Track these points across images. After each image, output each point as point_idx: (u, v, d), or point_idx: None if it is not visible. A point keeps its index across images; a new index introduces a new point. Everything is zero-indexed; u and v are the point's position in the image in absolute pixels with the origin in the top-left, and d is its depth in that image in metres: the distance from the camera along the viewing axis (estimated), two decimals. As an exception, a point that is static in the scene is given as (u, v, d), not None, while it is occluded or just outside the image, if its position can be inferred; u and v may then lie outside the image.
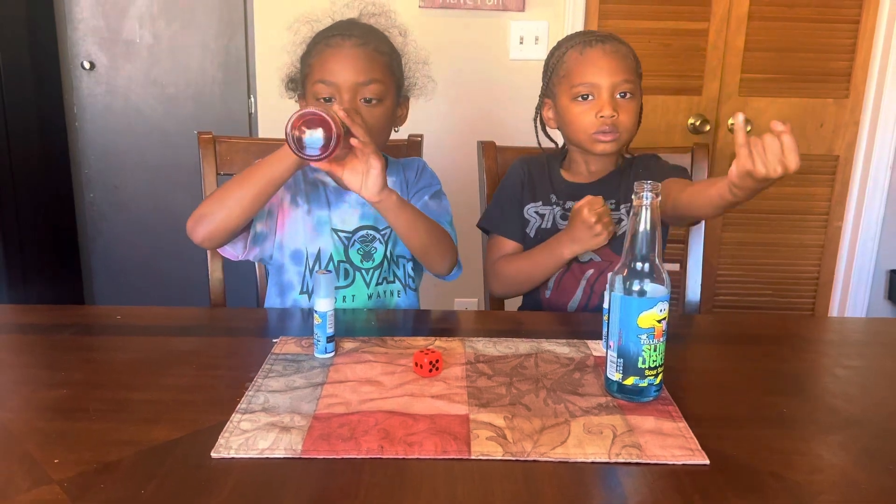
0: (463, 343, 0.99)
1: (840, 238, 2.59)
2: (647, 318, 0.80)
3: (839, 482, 0.69)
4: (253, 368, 0.90)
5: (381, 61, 1.17)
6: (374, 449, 0.72)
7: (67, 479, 0.66)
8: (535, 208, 1.33)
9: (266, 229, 1.19)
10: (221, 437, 0.73)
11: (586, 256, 1.27)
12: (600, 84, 1.23)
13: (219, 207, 1.08)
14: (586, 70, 1.24)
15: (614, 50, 1.24)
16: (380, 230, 1.24)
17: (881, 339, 1.12)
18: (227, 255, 1.19)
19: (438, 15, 2.37)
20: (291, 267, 1.22)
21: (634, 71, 1.27)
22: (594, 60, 1.24)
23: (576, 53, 1.26)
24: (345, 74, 1.13)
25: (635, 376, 0.82)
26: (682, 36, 2.40)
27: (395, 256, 1.26)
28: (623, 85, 1.23)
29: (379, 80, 1.15)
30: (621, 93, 1.24)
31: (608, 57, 1.24)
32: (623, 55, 1.25)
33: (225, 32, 2.71)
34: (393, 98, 1.20)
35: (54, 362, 0.94)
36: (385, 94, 1.17)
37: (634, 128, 1.28)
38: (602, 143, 1.25)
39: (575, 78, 1.25)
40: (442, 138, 2.31)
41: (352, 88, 1.13)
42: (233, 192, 1.08)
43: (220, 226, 1.09)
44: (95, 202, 2.85)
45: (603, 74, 1.23)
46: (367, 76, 1.14)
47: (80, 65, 2.71)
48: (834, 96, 2.47)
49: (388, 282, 1.25)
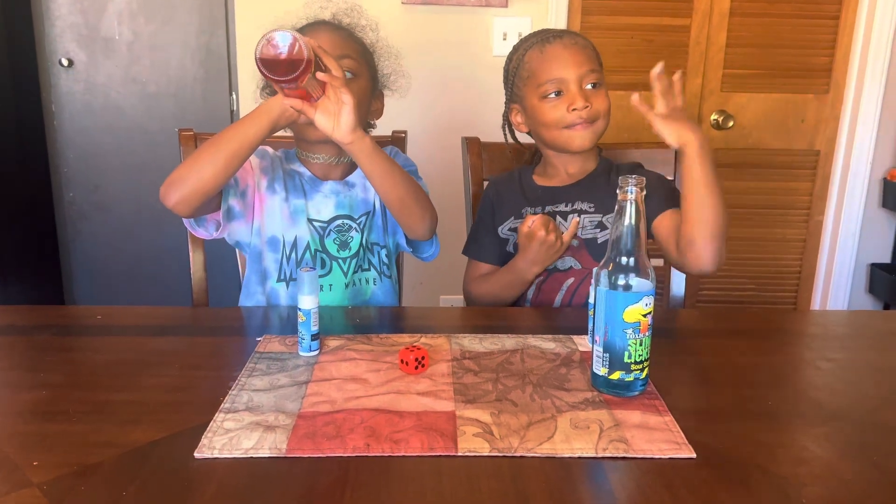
0: (449, 340, 0.99)
1: (821, 232, 2.62)
2: (633, 312, 0.80)
3: (824, 474, 0.69)
4: (236, 367, 0.89)
5: (355, 44, 1.20)
6: (359, 447, 0.71)
7: (47, 482, 0.65)
8: (509, 225, 1.30)
9: (239, 207, 1.18)
10: (205, 438, 0.72)
11: (566, 264, 1.25)
12: (567, 78, 1.21)
13: (191, 171, 1.06)
14: (551, 66, 1.22)
15: (574, 42, 1.23)
16: (355, 219, 1.24)
17: (864, 331, 1.13)
18: (199, 234, 1.18)
19: (421, 11, 2.36)
20: (269, 254, 1.21)
21: (598, 61, 1.25)
22: (557, 55, 1.22)
23: (536, 52, 1.24)
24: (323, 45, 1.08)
25: (621, 371, 0.82)
26: (665, 32, 2.41)
27: (369, 244, 1.26)
28: (590, 76, 1.21)
29: (353, 57, 1.17)
30: (590, 83, 1.22)
31: (569, 50, 1.22)
32: (583, 46, 1.23)
33: (206, 29, 2.68)
34: (367, 82, 1.21)
35: (33, 363, 0.92)
36: (360, 71, 1.18)
37: (609, 114, 1.25)
38: (579, 138, 1.22)
39: (541, 76, 1.22)
40: (426, 135, 2.31)
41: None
42: (205, 155, 1.06)
43: (193, 189, 1.05)
44: (75, 202, 2.82)
45: (569, 67, 1.21)
46: (341, 51, 1.14)
47: (59, 62, 2.67)
48: (815, 91, 2.49)
49: (363, 270, 1.25)
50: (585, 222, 1.25)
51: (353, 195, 1.25)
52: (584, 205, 1.26)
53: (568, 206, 1.27)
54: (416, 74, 2.39)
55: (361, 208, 1.26)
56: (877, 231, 2.58)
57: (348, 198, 1.25)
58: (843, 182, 2.53)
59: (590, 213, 1.25)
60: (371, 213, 1.26)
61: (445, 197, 2.31)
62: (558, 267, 1.25)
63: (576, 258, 1.25)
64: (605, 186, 1.25)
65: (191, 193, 1.06)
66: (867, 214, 2.56)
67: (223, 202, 1.15)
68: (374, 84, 1.24)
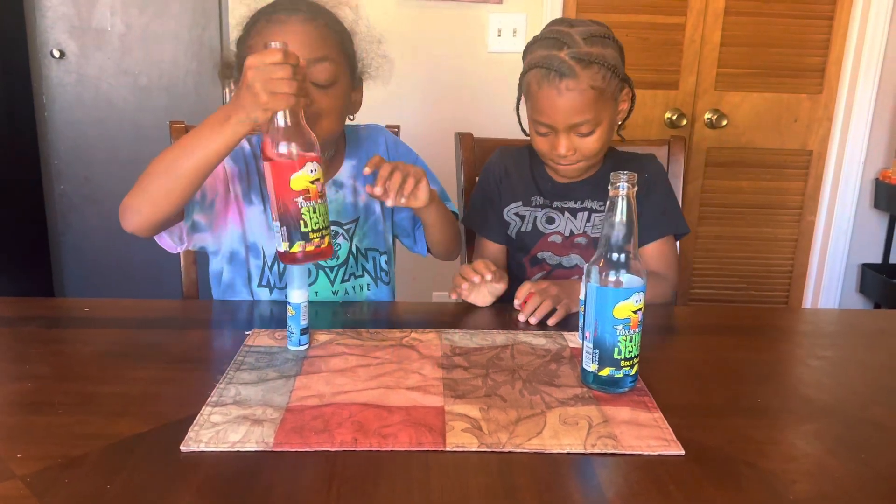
0: (439, 335, 0.99)
1: (813, 232, 2.62)
2: (623, 308, 0.80)
3: (813, 471, 0.69)
4: (225, 361, 0.88)
5: (333, 38, 1.06)
6: (347, 441, 0.71)
7: (31, 475, 0.64)
8: (515, 209, 1.28)
9: (205, 221, 1.09)
10: (191, 431, 0.72)
11: (571, 262, 1.24)
12: (556, 125, 1.14)
13: (145, 196, 0.95)
14: (543, 108, 1.14)
15: (571, 88, 1.11)
16: (343, 225, 1.19)
17: (854, 329, 1.13)
18: (165, 246, 1.09)
19: (417, 6, 2.35)
20: (252, 259, 1.17)
21: (597, 100, 1.12)
22: (550, 100, 1.12)
23: (534, 81, 1.14)
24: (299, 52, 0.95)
25: (611, 367, 0.81)
26: (660, 30, 2.41)
27: (363, 250, 1.22)
28: (581, 127, 1.14)
29: (331, 58, 1.04)
30: (579, 134, 1.15)
31: (563, 98, 1.11)
32: (581, 91, 1.11)
33: (199, 22, 2.67)
34: (347, 80, 1.10)
35: (19, 355, 0.91)
36: (338, 76, 1.06)
37: (601, 150, 1.19)
38: (563, 170, 1.21)
39: (533, 111, 1.18)
40: (419, 130, 2.30)
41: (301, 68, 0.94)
42: (160, 178, 0.93)
43: (149, 216, 0.96)
44: (65, 194, 2.79)
45: (558, 117, 1.13)
46: (317, 52, 1.02)
47: (50, 53, 2.65)
48: (808, 92, 2.49)
49: (355, 277, 1.21)
50: (596, 221, 1.24)
51: (341, 199, 1.19)
52: (595, 203, 1.25)
53: (578, 204, 1.25)
54: (410, 69, 2.40)
55: (350, 214, 1.20)
56: (868, 231, 2.59)
57: (335, 202, 1.19)
58: (836, 182, 2.54)
59: (599, 212, 1.24)
60: (361, 219, 1.21)
61: (438, 193, 2.30)
62: (563, 264, 1.24)
63: (583, 256, 1.24)
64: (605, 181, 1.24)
65: (148, 220, 0.97)
66: (859, 214, 2.57)
67: (186, 218, 1.06)
68: (353, 75, 1.13)
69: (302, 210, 0.82)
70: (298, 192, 0.81)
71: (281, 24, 1.03)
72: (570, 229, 1.25)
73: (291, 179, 0.81)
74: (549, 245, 1.26)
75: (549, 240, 1.26)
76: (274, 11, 1.05)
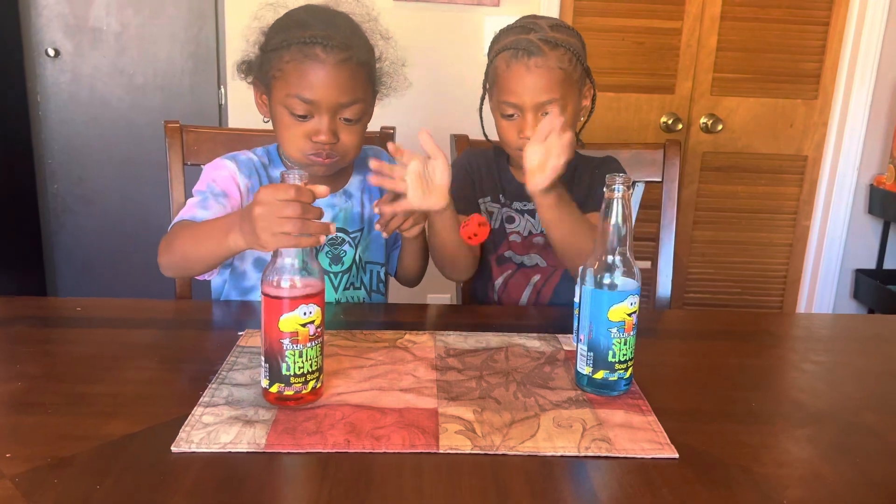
0: (433, 337, 0.98)
1: (808, 237, 2.63)
2: (618, 311, 0.80)
3: (806, 475, 0.69)
4: (217, 361, 0.88)
5: (364, 76, 1.07)
6: (340, 443, 0.70)
7: (19, 475, 0.64)
8: (486, 204, 1.28)
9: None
10: (182, 431, 0.71)
11: (532, 261, 1.25)
12: (524, 104, 1.14)
13: (171, 268, 1.03)
14: (511, 87, 1.14)
15: (541, 64, 1.12)
16: (350, 233, 1.20)
17: (848, 335, 1.13)
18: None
19: (413, 8, 2.35)
20: (253, 273, 1.16)
21: (564, 82, 1.14)
22: (519, 77, 1.13)
23: (503, 63, 1.16)
24: (327, 93, 1.03)
25: (605, 370, 0.81)
26: (656, 34, 2.41)
27: (363, 262, 1.22)
28: (548, 105, 1.13)
29: (362, 98, 1.07)
30: (545, 112, 1.14)
31: (532, 75, 1.13)
32: (549, 69, 1.12)
33: (195, 22, 2.66)
34: (371, 109, 1.13)
35: (9, 355, 0.91)
36: (366, 111, 1.10)
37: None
38: None
39: (501, 92, 1.17)
40: (414, 131, 2.28)
41: (333, 108, 1.04)
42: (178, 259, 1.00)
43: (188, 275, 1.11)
44: (59, 194, 2.78)
45: (526, 93, 1.13)
46: (350, 96, 1.04)
47: (45, 52, 2.64)
48: (803, 97, 2.50)
49: (354, 287, 1.21)
50: None
51: (349, 208, 1.20)
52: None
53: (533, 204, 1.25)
54: (406, 71, 2.39)
55: (357, 223, 1.21)
56: (862, 237, 2.60)
57: (344, 210, 1.19)
58: (830, 187, 2.54)
59: None
60: (365, 230, 1.21)
61: (434, 195, 2.30)
62: (525, 263, 1.25)
63: (542, 256, 1.25)
64: (571, 185, 1.20)
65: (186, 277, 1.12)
66: (853, 220, 2.57)
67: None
68: (375, 98, 1.14)
69: (286, 352, 0.75)
70: (285, 334, 0.75)
71: (316, 63, 1.02)
72: (528, 229, 1.26)
73: (280, 320, 0.75)
74: (511, 244, 1.27)
75: (510, 239, 1.27)
76: (309, 41, 1.02)
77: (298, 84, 1.03)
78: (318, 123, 1.05)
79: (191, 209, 1.07)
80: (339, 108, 1.05)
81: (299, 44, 1.02)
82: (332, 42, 1.02)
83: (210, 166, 1.15)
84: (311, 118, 1.05)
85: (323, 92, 1.03)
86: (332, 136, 1.05)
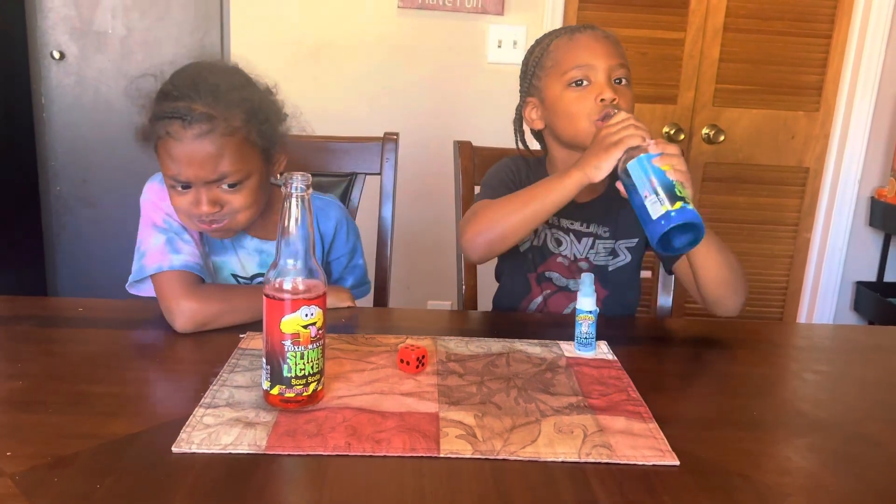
0: (435, 342, 0.98)
1: (809, 249, 2.63)
2: None
3: (807, 484, 0.69)
4: (218, 363, 0.88)
5: (236, 142, 0.99)
6: (340, 446, 0.70)
7: (20, 473, 0.64)
8: None
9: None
10: (183, 432, 0.71)
11: (576, 286, 1.16)
12: (596, 65, 1.11)
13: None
14: (579, 53, 1.13)
15: (605, 35, 1.16)
16: None
17: (849, 345, 1.13)
18: None
19: (417, 16, 2.36)
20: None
21: (626, 58, 1.16)
22: (587, 44, 1.14)
23: (564, 40, 1.16)
24: (190, 171, 0.99)
25: (679, 202, 0.89)
26: (659, 45, 2.42)
27: None
28: (618, 70, 1.12)
29: (232, 171, 1.00)
30: (617, 78, 1.12)
31: (600, 41, 1.14)
32: (614, 41, 1.16)
33: (200, 27, 2.67)
34: (259, 169, 1.04)
35: (11, 354, 0.91)
36: (247, 174, 1.02)
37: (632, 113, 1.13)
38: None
39: (567, 63, 1.13)
40: (418, 137, 2.30)
41: (205, 185, 1.00)
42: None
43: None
44: (62, 195, 2.79)
45: (598, 56, 1.12)
46: (217, 171, 0.99)
47: (50, 54, 2.65)
48: (805, 109, 2.51)
49: None
50: (600, 248, 1.21)
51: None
52: (601, 229, 1.20)
53: (584, 227, 1.21)
54: (410, 78, 2.41)
55: None
56: (863, 249, 2.60)
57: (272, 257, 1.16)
58: (831, 199, 2.55)
59: (604, 239, 1.20)
60: None
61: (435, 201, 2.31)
62: (570, 288, 1.21)
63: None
64: (618, 207, 1.16)
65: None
66: (854, 232, 2.57)
67: None
68: (267, 156, 1.06)
69: (287, 354, 0.76)
70: (287, 336, 0.75)
71: (178, 141, 0.97)
72: (574, 253, 1.21)
73: (281, 322, 0.75)
74: (557, 266, 1.22)
75: (557, 261, 1.22)
76: (171, 115, 0.97)
77: (166, 160, 1.00)
78: (196, 194, 1.01)
79: (161, 256, 1.06)
80: (213, 181, 1.00)
81: (162, 119, 0.98)
82: (191, 116, 0.96)
83: (155, 195, 1.14)
84: (191, 188, 1.01)
85: (186, 170, 0.99)
86: (213, 206, 1.01)
